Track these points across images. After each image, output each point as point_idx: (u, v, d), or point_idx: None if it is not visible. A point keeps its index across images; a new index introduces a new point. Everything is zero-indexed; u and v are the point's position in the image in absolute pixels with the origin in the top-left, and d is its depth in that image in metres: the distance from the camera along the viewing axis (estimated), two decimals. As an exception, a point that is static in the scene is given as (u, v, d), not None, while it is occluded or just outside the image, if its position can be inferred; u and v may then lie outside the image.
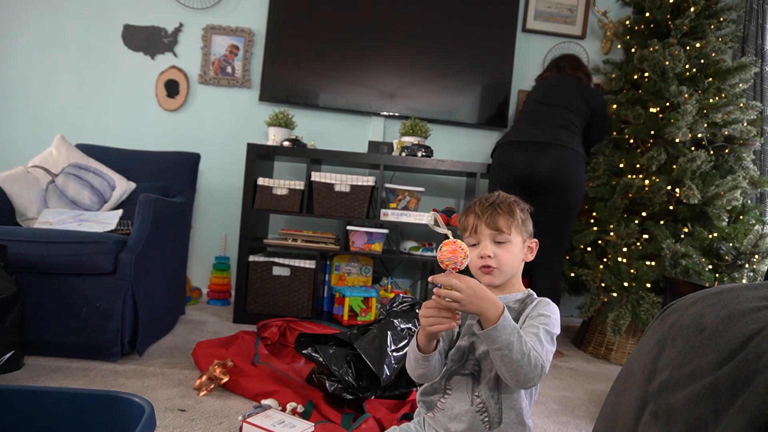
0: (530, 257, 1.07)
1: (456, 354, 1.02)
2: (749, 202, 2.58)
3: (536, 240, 1.08)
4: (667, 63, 2.47)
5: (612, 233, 2.47)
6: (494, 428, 0.97)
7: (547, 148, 2.29)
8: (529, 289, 1.07)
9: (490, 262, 1.01)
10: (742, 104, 2.48)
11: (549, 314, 0.98)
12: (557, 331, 0.97)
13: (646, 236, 2.43)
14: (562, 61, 2.62)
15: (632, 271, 2.36)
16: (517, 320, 1.00)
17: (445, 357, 1.03)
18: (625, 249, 2.41)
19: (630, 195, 2.44)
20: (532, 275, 2.41)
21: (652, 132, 2.48)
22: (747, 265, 2.32)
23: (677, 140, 2.39)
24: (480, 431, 0.97)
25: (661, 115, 2.50)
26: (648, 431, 0.52)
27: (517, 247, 1.03)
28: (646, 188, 2.39)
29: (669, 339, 0.56)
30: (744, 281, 2.39)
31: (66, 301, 1.81)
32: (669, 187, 2.36)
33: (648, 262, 2.37)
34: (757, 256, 2.29)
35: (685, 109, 2.34)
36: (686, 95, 2.37)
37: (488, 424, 0.97)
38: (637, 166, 2.53)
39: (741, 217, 2.45)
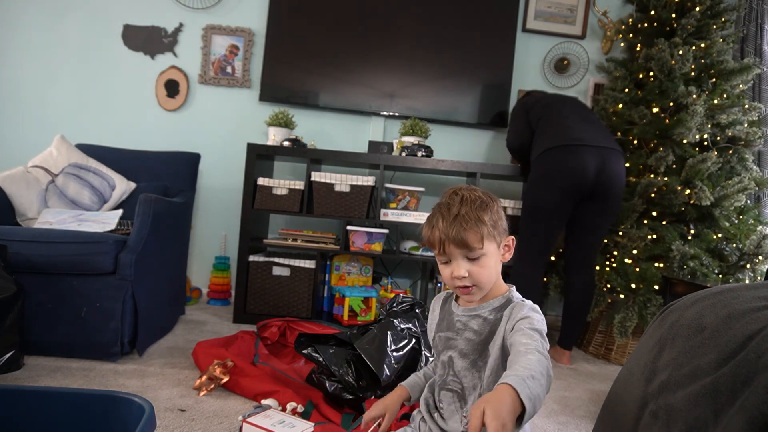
0: (508, 257, 0.99)
1: (439, 368, 1.00)
2: (749, 202, 2.58)
3: (512, 237, 1.00)
4: (673, 63, 2.46)
5: (621, 233, 2.47)
6: None
7: (615, 155, 2.20)
8: (512, 288, 1.00)
9: (465, 282, 0.93)
10: (746, 105, 2.48)
11: (528, 315, 0.91)
12: (544, 327, 0.91)
13: (653, 236, 2.42)
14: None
15: (637, 269, 2.36)
16: (493, 332, 0.94)
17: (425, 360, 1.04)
18: (635, 251, 2.40)
19: (652, 195, 2.42)
20: (567, 276, 2.37)
21: (657, 132, 2.48)
22: (748, 266, 2.32)
23: (685, 141, 2.39)
24: None
25: (662, 115, 2.50)
26: (648, 431, 0.52)
27: (492, 258, 0.95)
28: (664, 188, 2.38)
29: (669, 339, 0.56)
30: (746, 282, 2.39)
31: (66, 301, 1.81)
32: (678, 188, 2.36)
33: (656, 264, 2.36)
34: (760, 257, 2.29)
35: (695, 110, 2.33)
36: (695, 96, 2.37)
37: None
38: (640, 167, 2.53)
39: (741, 217, 2.45)
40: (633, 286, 2.34)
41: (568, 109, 2.36)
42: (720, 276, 2.34)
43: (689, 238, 2.42)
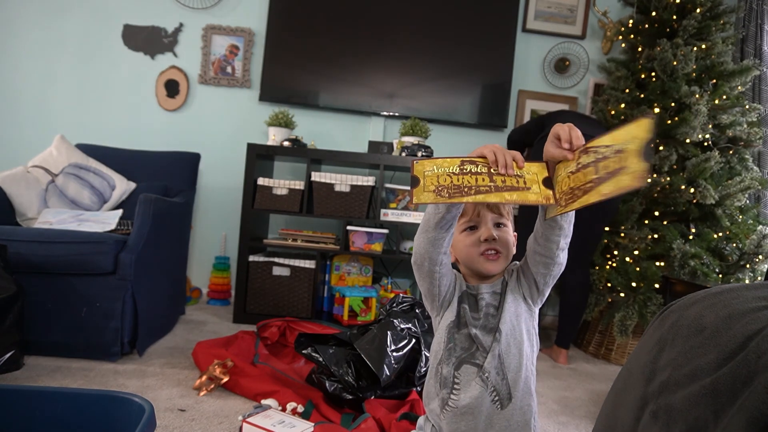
0: (513, 251, 1.05)
1: (466, 342, 0.98)
2: (748, 202, 2.59)
3: (516, 233, 1.07)
4: (675, 63, 2.47)
5: (622, 234, 2.47)
6: (506, 407, 0.94)
7: None
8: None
9: (497, 246, 0.98)
10: (747, 106, 2.49)
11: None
12: None
13: (654, 236, 2.42)
14: None
15: (637, 269, 2.36)
16: (503, 301, 0.99)
17: (441, 307, 1.02)
18: (636, 252, 2.40)
19: (655, 195, 2.43)
20: (562, 275, 2.40)
21: (660, 132, 2.48)
22: (749, 266, 2.33)
23: (688, 140, 2.40)
24: (493, 414, 0.95)
25: (665, 115, 2.49)
26: (648, 431, 0.52)
27: (510, 235, 1.01)
28: (668, 187, 2.39)
29: (669, 339, 0.56)
30: (746, 282, 2.39)
31: (66, 301, 1.81)
32: (682, 187, 2.36)
33: (656, 263, 2.37)
34: (760, 257, 2.29)
35: (698, 110, 2.34)
36: (698, 95, 2.37)
37: (499, 404, 0.94)
38: None
39: (741, 217, 2.46)
40: (633, 284, 2.34)
41: (573, 115, 2.46)
42: (720, 275, 2.34)
43: (690, 237, 2.42)
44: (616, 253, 2.50)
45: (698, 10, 2.52)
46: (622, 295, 2.36)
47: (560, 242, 0.93)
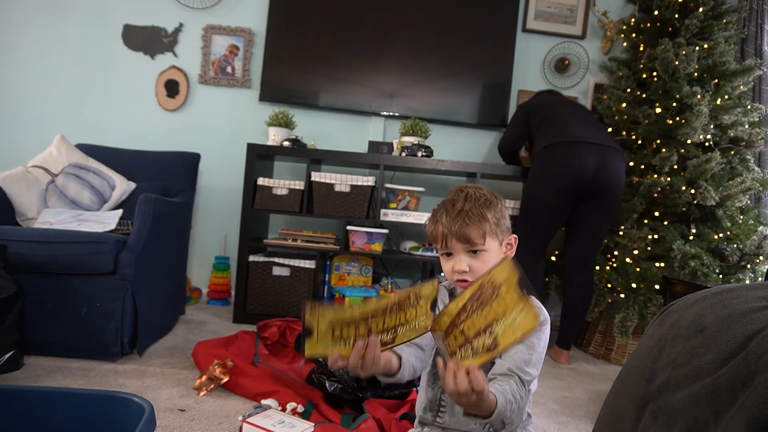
0: (511, 254, 1.01)
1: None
2: (749, 202, 2.59)
3: (515, 236, 1.02)
4: (677, 63, 2.47)
5: (621, 233, 2.47)
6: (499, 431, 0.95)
7: (616, 154, 2.21)
8: None
9: (466, 276, 0.95)
10: (749, 106, 2.48)
11: (533, 344, 0.90)
12: (540, 360, 0.91)
13: (654, 236, 2.42)
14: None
15: (637, 269, 2.36)
16: None
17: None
18: (636, 252, 2.40)
19: (655, 195, 2.42)
20: (566, 275, 2.39)
21: (661, 132, 2.48)
22: (749, 266, 2.32)
23: (689, 141, 2.40)
24: None
25: (666, 115, 2.50)
26: (648, 431, 0.52)
27: (493, 254, 0.96)
28: (668, 188, 2.38)
29: (669, 339, 0.56)
30: (747, 282, 2.39)
31: (66, 301, 1.81)
32: (683, 188, 2.36)
33: (657, 264, 2.36)
34: (760, 258, 2.29)
35: (700, 110, 2.34)
36: (699, 96, 2.37)
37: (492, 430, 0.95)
38: (642, 167, 2.53)
39: (742, 217, 2.45)
40: (633, 285, 2.34)
41: (569, 110, 2.39)
42: (720, 276, 2.34)
43: (690, 238, 2.42)
44: (616, 253, 2.50)
45: (701, 9, 2.52)
46: (622, 296, 2.36)
47: None
